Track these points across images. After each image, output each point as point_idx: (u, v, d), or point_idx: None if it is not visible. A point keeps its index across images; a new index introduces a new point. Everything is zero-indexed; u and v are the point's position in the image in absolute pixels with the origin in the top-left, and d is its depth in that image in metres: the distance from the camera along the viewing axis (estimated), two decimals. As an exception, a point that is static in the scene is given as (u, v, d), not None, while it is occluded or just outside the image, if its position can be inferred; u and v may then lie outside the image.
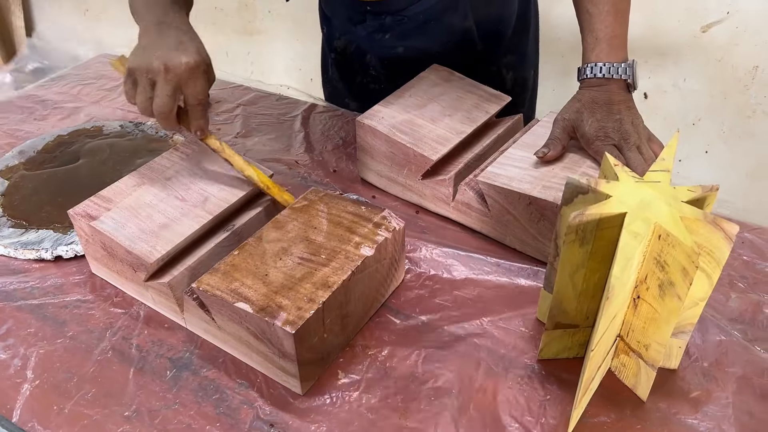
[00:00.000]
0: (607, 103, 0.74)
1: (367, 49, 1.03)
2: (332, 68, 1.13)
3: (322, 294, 0.60)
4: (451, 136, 0.83)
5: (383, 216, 0.69)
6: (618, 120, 0.73)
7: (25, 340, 0.67)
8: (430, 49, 0.98)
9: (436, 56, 0.97)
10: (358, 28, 1.00)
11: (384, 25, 0.98)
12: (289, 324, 0.56)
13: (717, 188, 0.55)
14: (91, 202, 0.71)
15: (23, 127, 1.06)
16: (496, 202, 0.76)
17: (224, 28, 2.36)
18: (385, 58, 1.03)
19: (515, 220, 0.75)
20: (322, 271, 0.62)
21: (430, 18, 0.95)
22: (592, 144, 0.74)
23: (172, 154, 0.78)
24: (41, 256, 0.77)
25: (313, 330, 0.59)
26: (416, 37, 0.97)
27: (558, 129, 0.77)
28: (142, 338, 0.68)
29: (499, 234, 0.79)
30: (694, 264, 0.49)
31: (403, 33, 0.98)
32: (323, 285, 0.61)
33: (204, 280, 0.62)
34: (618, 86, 0.74)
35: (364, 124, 0.85)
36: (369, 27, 0.99)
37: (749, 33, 1.52)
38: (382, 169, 0.87)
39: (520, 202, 0.73)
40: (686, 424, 0.58)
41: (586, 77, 0.76)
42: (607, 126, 0.73)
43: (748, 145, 1.66)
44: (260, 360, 0.62)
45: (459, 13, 0.95)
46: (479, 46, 0.99)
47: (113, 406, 0.60)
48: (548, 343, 0.63)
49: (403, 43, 0.99)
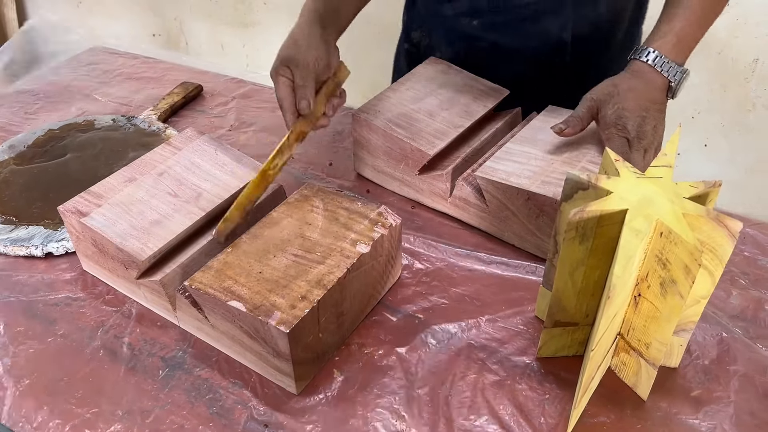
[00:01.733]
0: (642, 98, 0.72)
1: (445, 39, 0.96)
2: (403, 59, 1.08)
3: (318, 292, 0.58)
4: (449, 130, 0.81)
5: (379, 212, 0.68)
6: (643, 117, 0.71)
7: (14, 338, 0.66)
8: (515, 51, 0.91)
9: (519, 60, 0.91)
10: (446, 6, 0.93)
11: (475, 8, 0.90)
12: (284, 323, 0.55)
13: (720, 184, 0.54)
14: (81, 198, 0.70)
15: (14, 120, 1.04)
16: (494, 198, 0.75)
17: (219, 20, 2.34)
18: (460, 53, 0.95)
19: (514, 215, 0.74)
20: (317, 269, 0.61)
21: (527, 17, 0.88)
22: (606, 129, 0.73)
23: (165, 149, 0.76)
24: (31, 253, 0.75)
25: (308, 329, 0.58)
26: (505, 33, 0.90)
27: (583, 108, 0.74)
28: (134, 337, 0.66)
29: (497, 230, 0.77)
30: (696, 262, 0.47)
31: (492, 24, 0.90)
32: (318, 283, 0.59)
33: (196, 278, 0.61)
34: (661, 85, 0.73)
35: (360, 117, 0.83)
36: (459, 6, 0.91)
37: (749, 25, 1.50)
38: (378, 164, 0.86)
39: (519, 197, 0.72)
40: (687, 423, 0.57)
41: (638, 58, 0.74)
42: (630, 119, 0.71)
43: (747, 139, 1.65)
44: (254, 359, 0.61)
45: (558, 21, 0.88)
46: (569, 62, 0.92)
47: (104, 406, 0.59)
48: (547, 341, 0.62)
49: (487, 36, 0.91)
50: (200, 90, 1.11)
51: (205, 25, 2.40)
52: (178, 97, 1.06)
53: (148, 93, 1.12)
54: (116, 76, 1.18)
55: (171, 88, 1.10)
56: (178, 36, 2.50)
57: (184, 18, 2.43)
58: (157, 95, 1.10)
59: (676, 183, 0.54)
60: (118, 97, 1.11)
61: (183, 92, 1.07)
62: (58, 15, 2.73)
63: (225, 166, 0.75)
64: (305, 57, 0.73)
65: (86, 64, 1.23)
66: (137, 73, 1.19)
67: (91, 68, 1.21)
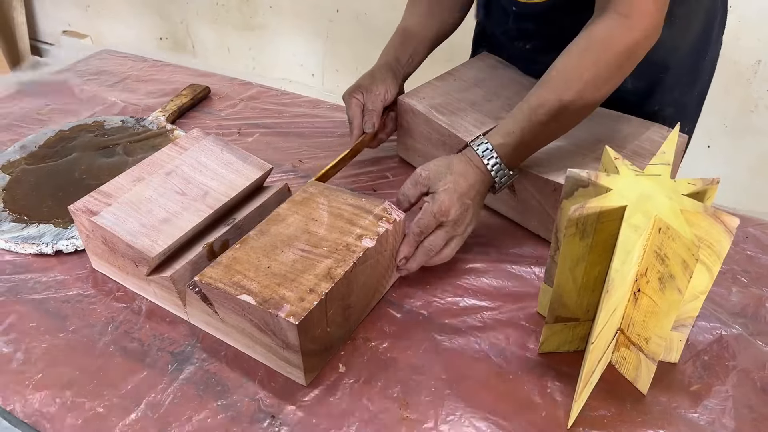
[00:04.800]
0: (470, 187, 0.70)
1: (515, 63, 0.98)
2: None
3: (325, 285, 0.60)
4: (489, 120, 0.84)
5: (384, 208, 0.69)
6: (466, 208, 0.70)
7: (27, 334, 0.68)
8: None
9: None
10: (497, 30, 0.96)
11: (526, 33, 0.92)
12: (293, 315, 0.57)
13: (718, 181, 0.55)
14: (91, 197, 0.71)
15: (25, 123, 1.06)
16: (523, 188, 0.76)
17: (225, 23, 2.36)
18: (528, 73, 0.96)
19: (540, 206, 0.76)
20: (324, 263, 0.62)
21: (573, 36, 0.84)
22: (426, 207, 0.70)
23: (172, 149, 0.78)
24: (42, 251, 0.77)
25: (316, 321, 0.59)
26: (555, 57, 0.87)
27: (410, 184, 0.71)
28: (143, 332, 0.68)
29: (524, 219, 0.80)
30: (694, 257, 0.49)
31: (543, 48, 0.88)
32: (326, 276, 0.61)
33: (206, 273, 0.62)
34: (488, 181, 0.71)
35: (405, 102, 0.87)
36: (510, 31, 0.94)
37: (752, 27, 1.51)
38: (419, 148, 0.89)
39: (546, 187, 0.74)
40: (686, 417, 0.58)
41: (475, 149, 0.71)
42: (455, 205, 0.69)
43: (750, 140, 1.65)
44: (263, 352, 0.63)
45: None
46: (630, 86, 0.85)
47: (116, 400, 0.61)
48: (549, 336, 0.63)
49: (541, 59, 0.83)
50: (208, 92, 1.12)
51: (211, 29, 2.42)
52: (186, 98, 1.07)
53: (156, 95, 1.13)
54: (124, 79, 1.20)
55: (179, 91, 1.12)
56: (184, 39, 2.52)
57: (190, 21, 2.45)
58: (165, 97, 1.12)
59: (675, 180, 0.55)
60: (127, 99, 1.12)
61: (191, 94, 1.09)
62: (67, 19, 2.76)
63: (231, 165, 0.77)
64: (377, 87, 0.86)
65: (95, 67, 1.25)
66: (145, 76, 1.21)
67: (100, 71, 1.23)
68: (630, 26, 0.68)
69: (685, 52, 0.89)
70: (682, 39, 0.88)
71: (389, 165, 0.94)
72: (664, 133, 0.81)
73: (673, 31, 0.84)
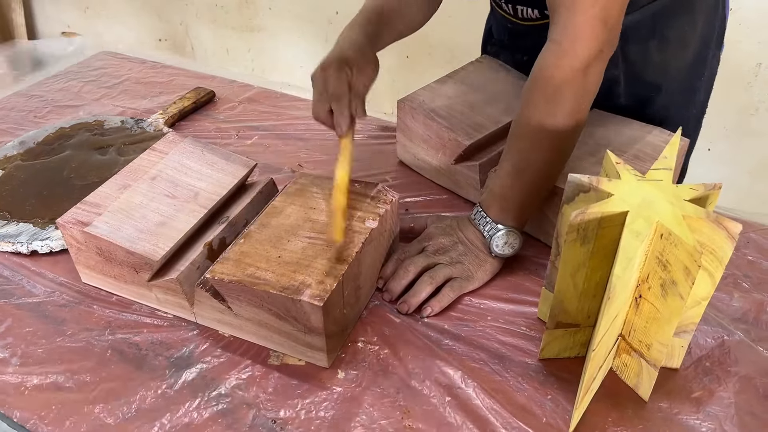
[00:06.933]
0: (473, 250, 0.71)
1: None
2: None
3: (340, 267, 0.61)
4: (488, 124, 0.84)
5: (379, 190, 0.71)
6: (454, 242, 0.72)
7: (24, 338, 0.67)
8: None
9: None
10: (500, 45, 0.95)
11: (523, 47, 0.91)
12: (317, 297, 0.58)
13: (720, 186, 0.55)
14: (78, 209, 0.70)
15: (24, 125, 1.05)
16: None
17: (225, 25, 2.36)
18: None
19: (541, 210, 0.75)
20: (333, 247, 0.64)
21: None
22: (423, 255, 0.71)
23: (150, 155, 0.77)
24: (17, 250, 0.77)
25: (336, 302, 0.61)
26: None
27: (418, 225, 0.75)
28: (141, 337, 0.67)
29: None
30: (696, 263, 0.48)
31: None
32: (339, 259, 0.62)
33: (217, 269, 0.62)
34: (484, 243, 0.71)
35: (405, 105, 0.87)
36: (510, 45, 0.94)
37: (752, 30, 1.51)
38: (418, 151, 0.89)
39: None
40: (688, 424, 0.58)
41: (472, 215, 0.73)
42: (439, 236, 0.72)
43: (751, 143, 1.65)
44: (282, 340, 0.63)
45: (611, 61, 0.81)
46: (623, 101, 0.88)
47: (113, 404, 0.60)
48: (549, 342, 0.62)
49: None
50: (212, 96, 1.11)
51: (210, 30, 2.41)
52: (188, 101, 1.07)
53: (156, 97, 1.13)
54: (124, 81, 1.19)
55: (178, 93, 1.11)
56: (184, 41, 2.51)
57: (189, 23, 2.45)
58: (165, 99, 1.11)
59: (677, 185, 0.55)
60: (126, 101, 1.12)
61: (194, 97, 1.08)
62: (66, 20, 2.75)
63: (215, 165, 0.76)
64: (366, 65, 0.73)
65: (94, 68, 1.24)
66: (145, 78, 1.20)
67: (99, 73, 1.22)
68: (561, 54, 0.63)
69: (678, 73, 0.88)
70: (675, 61, 0.87)
71: (388, 168, 0.93)
72: (666, 137, 0.80)
73: (665, 54, 0.86)
